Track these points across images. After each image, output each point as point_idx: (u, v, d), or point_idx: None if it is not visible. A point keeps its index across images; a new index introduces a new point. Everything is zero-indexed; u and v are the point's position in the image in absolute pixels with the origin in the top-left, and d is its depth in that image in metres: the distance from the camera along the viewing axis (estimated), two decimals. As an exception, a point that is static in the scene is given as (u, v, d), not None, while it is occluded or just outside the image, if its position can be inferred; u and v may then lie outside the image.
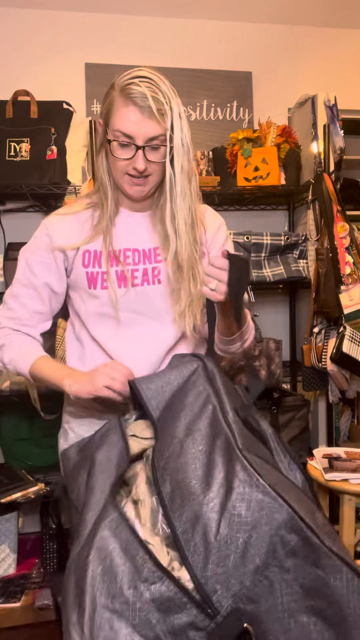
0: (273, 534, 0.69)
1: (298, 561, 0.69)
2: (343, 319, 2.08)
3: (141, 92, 1.02)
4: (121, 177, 1.10)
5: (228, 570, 0.69)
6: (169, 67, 2.59)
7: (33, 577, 2.20)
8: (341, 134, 2.25)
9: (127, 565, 0.71)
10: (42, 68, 2.48)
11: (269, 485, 0.72)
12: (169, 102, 1.04)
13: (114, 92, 1.06)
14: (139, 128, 1.03)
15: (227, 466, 0.77)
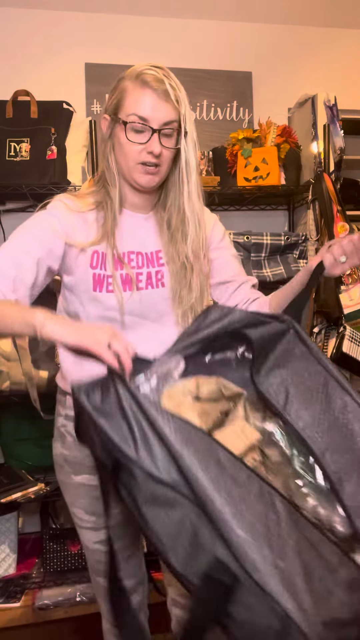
0: None
1: None
2: (343, 319, 2.08)
3: (157, 76, 1.03)
4: (133, 166, 1.08)
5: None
6: (169, 67, 2.59)
7: (33, 577, 2.20)
8: (341, 134, 2.25)
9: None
10: (42, 68, 2.48)
11: None
12: (182, 93, 1.05)
13: (126, 81, 1.06)
14: (155, 111, 1.03)
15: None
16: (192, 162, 1.08)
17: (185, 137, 1.06)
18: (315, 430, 0.78)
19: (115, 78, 1.10)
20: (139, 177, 1.09)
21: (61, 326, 0.89)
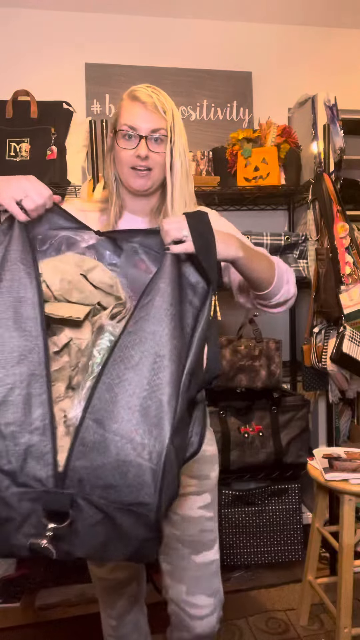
0: None
1: None
2: (343, 319, 2.08)
3: (145, 92, 1.15)
4: (127, 171, 1.17)
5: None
6: (169, 67, 2.59)
7: (33, 577, 2.20)
8: (341, 134, 2.25)
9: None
10: (42, 68, 2.48)
11: None
12: (171, 107, 1.16)
13: (122, 100, 1.18)
14: (143, 120, 1.13)
15: None
16: (176, 168, 1.16)
17: (172, 145, 1.15)
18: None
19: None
20: (132, 181, 1.17)
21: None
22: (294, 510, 2.27)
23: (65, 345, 0.89)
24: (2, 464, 0.76)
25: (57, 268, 0.95)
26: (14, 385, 0.79)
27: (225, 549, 2.23)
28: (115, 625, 1.44)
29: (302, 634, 1.91)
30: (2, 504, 0.76)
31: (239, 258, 1.04)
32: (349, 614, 1.69)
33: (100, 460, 0.76)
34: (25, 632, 1.98)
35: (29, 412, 0.78)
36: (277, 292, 1.16)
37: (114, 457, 0.76)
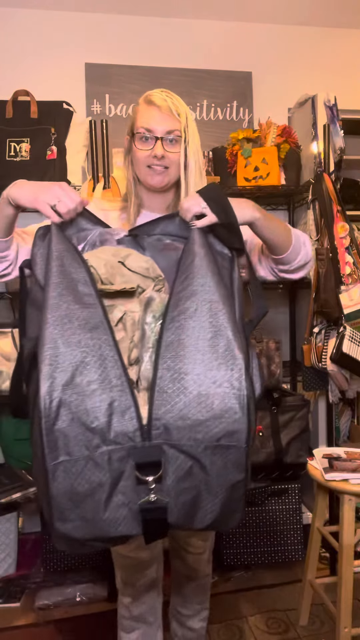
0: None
1: None
2: (343, 319, 2.08)
3: (160, 97, 1.23)
4: (144, 170, 1.24)
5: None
6: (169, 67, 2.59)
7: (33, 577, 2.20)
8: (341, 134, 2.25)
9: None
10: (42, 68, 2.48)
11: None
12: (184, 110, 1.23)
13: (139, 104, 1.27)
14: (158, 123, 1.21)
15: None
16: (190, 166, 1.23)
17: (187, 145, 1.22)
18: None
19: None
20: (150, 178, 1.24)
21: (19, 188, 1.07)
22: (294, 510, 2.27)
23: (120, 319, 0.94)
24: (90, 421, 0.77)
25: (99, 257, 1.03)
26: (88, 349, 0.82)
27: (225, 549, 2.23)
28: (130, 604, 1.44)
29: (302, 634, 1.91)
30: (92, 467, 0.77)
31: (257, 219, 1.09)
32: (349, 614, 1.69)
33: (183, 401, 0.79)
34: (25, 632, 1.98)
35: (105, 371, 0.81)
36: (296, 254, 1.20)
37: (195, 394, 0.79)
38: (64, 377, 0.79)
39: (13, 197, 1.07)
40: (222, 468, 0.81)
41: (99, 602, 2.11)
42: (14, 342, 2.13)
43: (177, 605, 1.58)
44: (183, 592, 1.55)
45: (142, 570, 1.40)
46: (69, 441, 0.77)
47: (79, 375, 0.79)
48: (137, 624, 1.45)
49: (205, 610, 1.59)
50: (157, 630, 1.48)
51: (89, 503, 0.79)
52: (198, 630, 1.59)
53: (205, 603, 1.58)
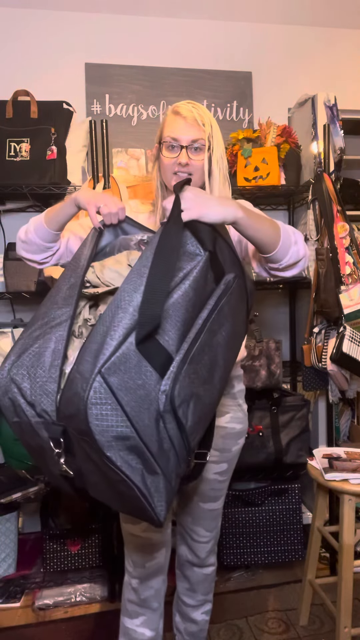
0: None
1: None
2: (343, 319, 2.08)
3: (186, 108, 1.30)
4: (170, 176, 1.32)
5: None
6: (169, 67, 2.59)
7: (33, 577, 2.21)
8: (341, 134, 2.25)
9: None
10: (42, 68, 2.48)
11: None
12: (209, 120, 1.30)
13: (167, 115, 1.34)
14: (183, 132, 1.29)
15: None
16: (214, 174, 1.32)
17: (211, 153, 1.30)
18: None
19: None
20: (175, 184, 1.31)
21: (82, 193, 1.22)
22: (294, 510, 2.27)
23: (101, 315, 1.02)
24: (28, 395, 0.95)
25: (117, 261, 1.13)
26: (41, 341, 0.99)
27: (225, 549, 2.23)
28: (138, 586, 1.46)
29: (302, 634, 1.91)
30: (32, 431, 0.95)
31: (238, 218, 1.11)
32: (349, 614, 1.69)
33: (66, 395, 0.90)
34: (25, 632, 1.98)
35: (42, 359, 0.97)
36: (284, 253, 1.21)
37: (72, 391, 0.88)
38: (14, 359, 0.98)
39: (78, 198, 1.21)
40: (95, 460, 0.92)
41: (99, 602, 2.11)
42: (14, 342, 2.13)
43: (182, 594, 1.60)
44: (189, 579, 1.58)
45: (152, 552, 1.43)
46: (17, 407, 0.96)
47: (25, 359, 0.97)
48: (141, 609, 1.47)
49: (208, 603, 1.61)
50: (159, 617, 1.51)
51: (42, 456, 0.99)
52: (200, 623, 1.60)
53: (209, 595, 1.60)
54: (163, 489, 0.92)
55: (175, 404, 0.90)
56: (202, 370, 0.97)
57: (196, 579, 1.57)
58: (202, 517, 1.51)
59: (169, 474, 0.93)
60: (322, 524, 1.98)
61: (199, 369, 0.95)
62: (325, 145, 2.24)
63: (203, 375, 0.97)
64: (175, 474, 0.95)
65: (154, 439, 0.90)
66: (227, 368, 1.08)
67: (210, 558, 1.57)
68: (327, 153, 2.24)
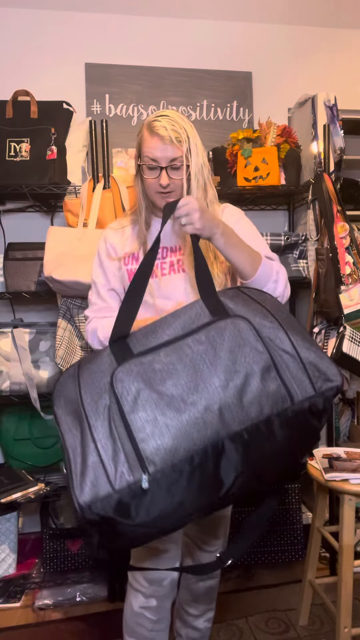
0: None
1: None
2: (343, 319, 2.08)
3: (161, 125, 1.31)
4: (153, 193, 1.38)
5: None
6: (169, 67, 2.59)
7: (33, 577, 2.21)
8: (341, 134, 2.25)
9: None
10: (42, 68, 2.48)
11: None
12: (185, 132, 1.32)
13: (143, 130, 1.37)
14: (162, 152, 1.32)
15: None
16: (193, 188, 1.36)
17: (189, 169, 1.33)
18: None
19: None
20: (159, 202, 1.38)
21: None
22: (294, 510, 2.27)
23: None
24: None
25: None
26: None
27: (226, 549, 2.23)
28: (155, 609, 1.41)
29: (302, 634, 1.91)
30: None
31: (213, 238, 1.22)
32: (349, 614, 1.69)
33: None
34: (25, 632, 1.98)
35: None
36: (261, 284, 1.29)
37: None
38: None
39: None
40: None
41: (99, 602, 2.11)
42: (14, 342, 2.13)
43: (184, 604, 1.59)
44: (192, 592, 1.56)
45: (165, 566, 1.39)
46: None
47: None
48: (151, 633, 1.43)
49: (211, 611, 1.60)
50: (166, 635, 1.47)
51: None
52: (202, 631, 1.59)
53: (212, 603, 1.59)
54: (90, 469, 0.94)
55: (113, 383, 0.98)
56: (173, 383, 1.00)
57: (200, 592, 1.56)
58: (211, 524, 1.49)
59: (107, 461, 0.95)
60: (322, 524, 1.98)
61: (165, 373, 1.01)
62: (325, 145, 2.24)
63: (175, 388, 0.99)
64: (118, 472, 0.94)
65: (97, 413, 0.99)
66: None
67: None
68: (327, 153, 2.24)
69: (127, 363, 1.00)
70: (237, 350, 1.00)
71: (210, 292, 1.10)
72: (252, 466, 0.99)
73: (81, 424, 0.99)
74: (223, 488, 0.97)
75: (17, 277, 2.18)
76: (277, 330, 1.04)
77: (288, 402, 0.99)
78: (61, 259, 1.96)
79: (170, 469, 0.93)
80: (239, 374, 0.98)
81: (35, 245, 2.18)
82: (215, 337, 1.01)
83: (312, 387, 1.00)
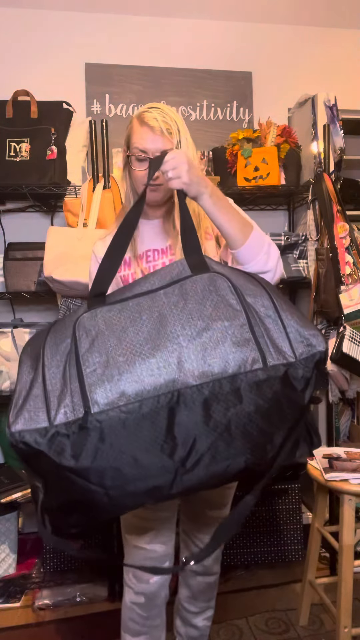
0: None
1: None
2: (343, 319, 2.08)
3: (152, 116, 1.27)
4: (140, 187, 1.31)
5: None
6: (169, 67, 2.59)
7: (33, 577, 2.20)
8: (341, 134, 2.25)
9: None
10: (42, 68, 2.48)
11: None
12: (175, 124, 1.28)
13: (132, 121, 1.32)
14: (151, 144, 1.27)
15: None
16: None
17: None
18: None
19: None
20: (147, 195, 1.28)
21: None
22: (294, 510, 2.27)
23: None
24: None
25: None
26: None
27: (225, 549, 2.23)
28: (142, 605, 1.42)
29: (302, 634, 1.91)
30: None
31: (201, 197, 1.16)
32: (349, 614, 1.69)
33: None
34: (25, 632, 1.98)
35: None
36: (249, 256, 1.22)
37: None
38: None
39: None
40: None
41: (99, 602, 2.11)
42: (14, 342, 2.13)
43: (183, 601, 1.59)
44: (191, 588, 1.56)
45: (156, 565, 1.40)
46: None
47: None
48: (144, 628, 1.44)
49: (210, 610, 1.60)
50: (162, 632, 1.48)
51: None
52: (202, 629, 1.59)
53: (211, 602, 1.59)
54: (31, 401, 0.94)
55: (75, 326, 0.99)
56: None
57: (199, 588, 1.56)
58: (208, 524, 1.49)
59: (50, 394, 0.94)
60: (322, 524, 1.98)
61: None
62: (325, 145, 2.24)
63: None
64: (58, 406, 0.91)
65: (53, 350, 1.00)
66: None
67: (215, 566, 1.55)
68: (327, 153, 2.24)
69: (94, 309, 1.01)
70: (209, 304, 0.95)
71: (194, 250, 1.07)
72: (215, 433, 0.90)
73: (37, 364, 0.99)
74: (178, 449, 0.89)
75: (17, 277, 2.18)
76: (261, 293, 1.00)
77: (259, 363, 0.90)
78: (61, 259, 1.96)
79: (117, 414, 0.88)
80: (206, 326, 0.92)
81: (35, 245, 2.18)
82: (188, 290, 0.98)
83: (291, 352, 0.93)
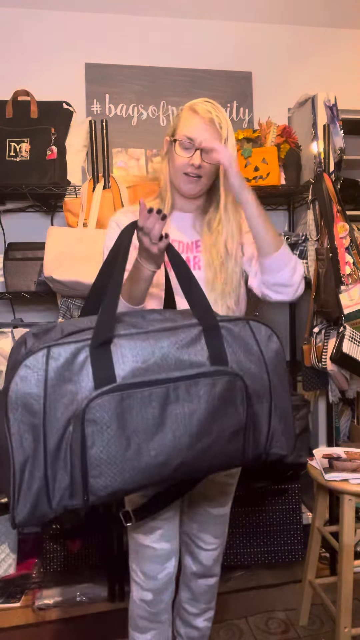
0: None
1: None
2: (343, 319, 2.08)
3: (205, 108, 1.29)
4: (179, 176, 1.32)
5: None
6: (169, 67, 2.59)
7: (33, 577, 2.21)
8: (341, 134, 2.25)
9: None
10: (42, 68, 2.48)
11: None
12: (225, 122, 1.30)
13: (183, 111, 1.33)
14: (200, 133, 1.27)
15: None
16: (221, 182, 1.31)
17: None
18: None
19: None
20: (183, 185, 1.33)
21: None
22: (294, 510, 2.27)
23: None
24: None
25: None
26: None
27: (226, 549, 2.22)
28: (150, 602, 1.41)
29: (302, 634, 1.92)
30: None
31: (243, 193, 1.22)
32: (349, 614, 1.69)
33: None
34: (25, 632, 1.98)
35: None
36: (280, 265, 1.27)
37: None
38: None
39: (139, 255, 1.19)
40: None
41: (99, 602, 2.11)
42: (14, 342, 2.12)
43: (184, 602, 1.59)
44: (192, 590, 1.56)
45: (163, 563, 1.40)
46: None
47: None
48: (152, 624, 1.44)
49: (211, 610, 1.59)
50: (169, 627, 1.48)
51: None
52: (202, 630, 1.59)
53: (211, 603, 1.59)
54: (34, 494, 0.88)
55: (85, 416, 0.87)
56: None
57: (199, 590, 1.55)
58: (209, 522, 1.48)
59: (52, 486, 0.89)
60: (322, 524, 1.98)
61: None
62: (325, 145, 2.24)
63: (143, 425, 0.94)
64: (60, 496, 0.89)
65: (55, 435, 0.88)
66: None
67: (216, 567, 1.54)
68: (327, 153, 2.24)
69: (107, 395, 0.90)
70: (221, 412, 1.00)
71: (204, 310, 1.06)
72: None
73: (36, 441, 0.89)
74: None
75: (17, 277, 2.18)
76: (266, 396, 1.07)
77: (239, 458, 1.05)
78: (61, 259, 1.96)
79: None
80: (211, 433, 0.98)
81: (35, 245, 2.18)
82: (206, 396, 0.98)
83: (263, 448, 1.09)
